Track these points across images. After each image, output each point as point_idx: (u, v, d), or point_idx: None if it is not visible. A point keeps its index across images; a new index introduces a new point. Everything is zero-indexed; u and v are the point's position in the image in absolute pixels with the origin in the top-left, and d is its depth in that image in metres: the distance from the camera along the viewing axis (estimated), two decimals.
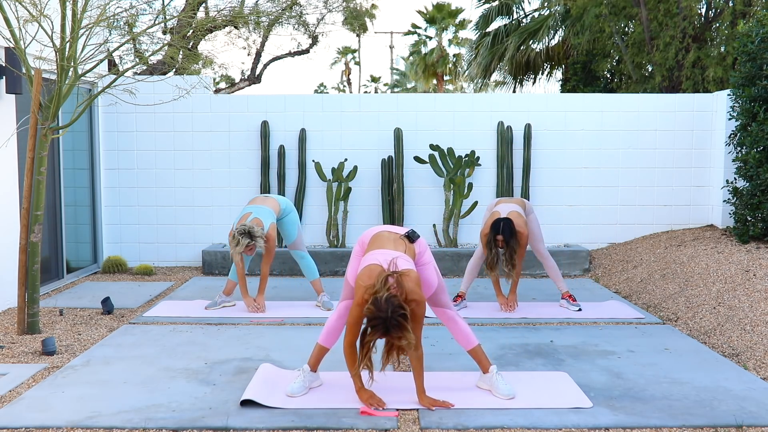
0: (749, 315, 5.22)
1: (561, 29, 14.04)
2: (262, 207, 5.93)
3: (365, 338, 3.48)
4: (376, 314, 3.41)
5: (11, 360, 4.68)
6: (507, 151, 8.30)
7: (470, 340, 4.07)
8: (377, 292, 3.45)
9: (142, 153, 8.33)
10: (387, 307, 3.40)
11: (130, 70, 7.76)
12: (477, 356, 4.07)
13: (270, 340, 5.13)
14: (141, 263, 8.17)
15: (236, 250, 5.61)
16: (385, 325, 3.41)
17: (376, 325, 3.42)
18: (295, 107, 8.38)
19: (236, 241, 5.58)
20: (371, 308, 3.43)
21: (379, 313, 3.40)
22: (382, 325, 3.41)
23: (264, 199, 6.11)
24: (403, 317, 3.42)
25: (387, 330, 3.43)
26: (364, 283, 3.59)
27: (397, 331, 3.42)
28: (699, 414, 3.69)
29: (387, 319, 3.40)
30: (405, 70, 35.86)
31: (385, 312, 3.39)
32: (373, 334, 3.46)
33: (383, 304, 3.40)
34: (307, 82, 76.97)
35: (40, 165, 5.22)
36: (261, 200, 6.09)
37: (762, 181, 6.76)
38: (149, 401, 3.88)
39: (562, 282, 6.15)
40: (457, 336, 4.10)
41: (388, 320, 3.40)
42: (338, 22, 15.69)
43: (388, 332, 3.43)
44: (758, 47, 6.83)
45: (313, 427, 3.53)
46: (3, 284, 6.02)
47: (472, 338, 4.08)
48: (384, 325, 3.41)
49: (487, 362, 4.05)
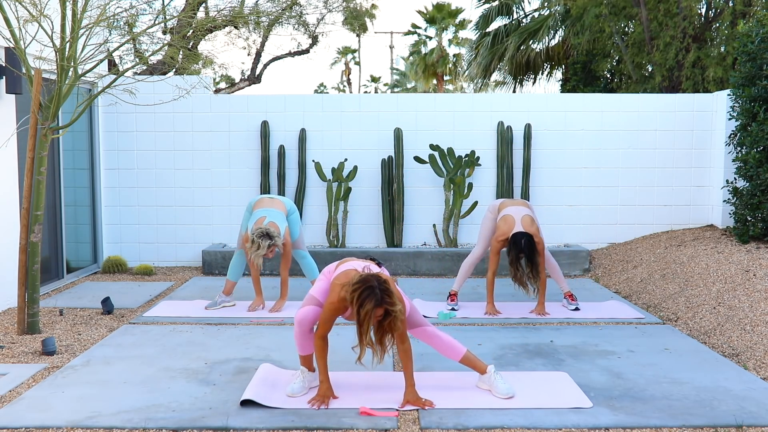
0: (749, 315, 5.22)
1: (561, 29, 14.04)
2: (274, 210, 5.91)
3: (361, 317, 3.54)
4: (364, 286, 3.53)
5: (11, 360, 4.68)
6: (507, 151, 8.30)
7: (457, 350, 4.04)
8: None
9: (142, 153, 8.33)
10: (373, 279, 3.56)
11: (130, 70, 7.76)
12: (470, 363, 4.05)
13: (270, 340, 5.13)
14: (141, 263, 8.17)
15: (258, 253, 5.47)
16: (376, 293, 3.51)
17: (368, 295, 3.51)
18: (295, 107, 8.38)
19: (257, 245, 5.45)
20: (358, 285, 3.54)
21: (367, 284, 3.54)
22: (372, 293, 3.51)
23: (271, 201, 6.07)
24: (388, 286, 3.57)
25: (380, 298, 3.52)
26: (341, 281, 3.74)
27: (388, 297, 3.54)
28: (699, 414, 3.69)
29: (375, 287, 3.52)
30: (405, 70, 35.86)
31: (373, 282, 3.54)
32: (368, 304, 3.51)
33: (369, 277, 3.56)
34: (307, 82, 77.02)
35: (40, 165, 5.22)
36: (268, 202, 6.05)
37: (762, 181, 6.76)
38: (149, 401, 3.88)
39: (564, 281, 6.15)
40: (442, 350, 4.05)
41: (376, 288, 3.52)
42: (338, 22, 15.69)
43: (381, 300, 3.52)
44: (758, 47, 6.83)
45: (313, 427, 3.53)
46: (3, 284, 6.02)
47: (459, 348, 4.04)
48: (375, 293, 3.51)
49: (482, 365, 4.04)
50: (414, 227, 8.42)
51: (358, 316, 3.55)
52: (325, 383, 3.85)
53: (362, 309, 3.52)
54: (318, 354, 3.85)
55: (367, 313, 3.52)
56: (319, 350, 3.84)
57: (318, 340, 3.83)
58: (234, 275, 6.19)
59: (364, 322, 3.55)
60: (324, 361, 3.85)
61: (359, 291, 3.54)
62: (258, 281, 5.99)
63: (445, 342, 4.04)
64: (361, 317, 3.54)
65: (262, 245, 5.45)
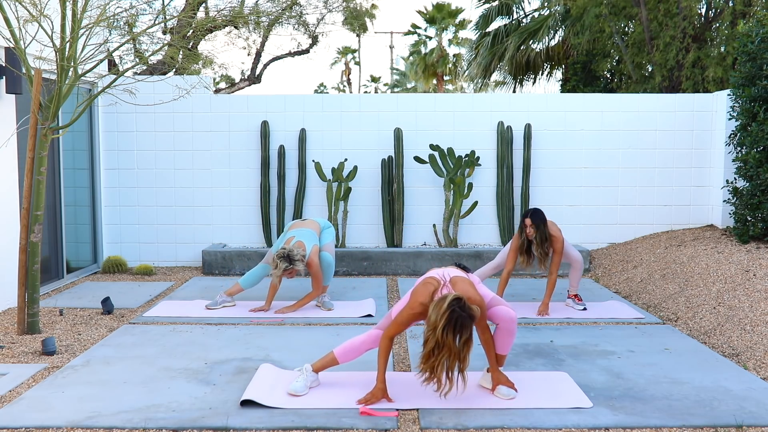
0: (749, 315, 5.22)
1: (561, 29, 14.04)
2: (304, 230, 5.97)
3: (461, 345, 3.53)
4: (454, 317, 3.49)
5: (11, 360, 4.68)
6: (507, 151, 8.30)
7: (507, 347, 4.05)
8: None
9: (142, 153, 8.33)
10: (455, 306, 3.52)
11: (130, 70, 7.76)
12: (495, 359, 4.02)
13: (270, 340, 5.13)
14: (141, 263, 8.17)
15: (275, 273, 5.68)
16: (465, 318, 3.51)
17: (462, 324, 3.50)
18: (295, 107, 8.38)
19: (275, 264, 5.64)
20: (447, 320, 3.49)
21: (454, 315, 3.50)
22: (464, 320, 3.51)
23: (302, 222, 6.19)
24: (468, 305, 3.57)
25: (471, 317, 3.53)
26: (420, 290, 3.82)
27: (472, 311, 3.55)
28: (699, 414, 3.69)
29: (462, 315, 3.51)
30: (405, 70, 35.86)
31: (456, 310, 3.51)
32: (465, 332, 3.52)
33: (452, 306, 3.52)
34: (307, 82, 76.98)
35: (40, 165, 5.22)
36: (299, 224, 6.16)
37: (762, 181, 6.76)
38: (149, 401, 3.88)
39: (578, 284, 6.15)
40: (498, 338, 4.03)
41: (462, 314, 3.51)
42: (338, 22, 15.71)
43: (473, 320, 3.54)
44: (758, 47, 6.83)
45: (313, 427, 3.53)
46: (3, 284, 6.02)
47: (507, 348, 4.05)
48: (465, 319, 3.51)
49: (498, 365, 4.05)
50: (414, 227, 8.42)
51: (459, 347, 3.52)
52: (382, 383, 3.86)
53: (461, 338, 3.51)
54: (381, 353, 3.86)
55: (466, 341, 3.53)
56: (384, 350, 3.86)
57: (385, 340, 3.86)
58: (246, 283, 6.15)
59: (465, 349, 3.55)
60: (385, 361, 3.86)
61: (452, 323, 3.49)
62: (273, 292, 5.95)
63: (505, 334, 3.99)
64: (461, 346, 3.52)
65: (279, 266, 5.59)
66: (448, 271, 3.97)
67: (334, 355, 4.06)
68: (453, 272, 3.95)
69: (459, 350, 3.52)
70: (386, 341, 3.86)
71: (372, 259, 7.86)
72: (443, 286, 3.80)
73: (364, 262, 7.86)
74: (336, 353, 4.06)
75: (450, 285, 3.80)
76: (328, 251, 6.15)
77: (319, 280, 5.91)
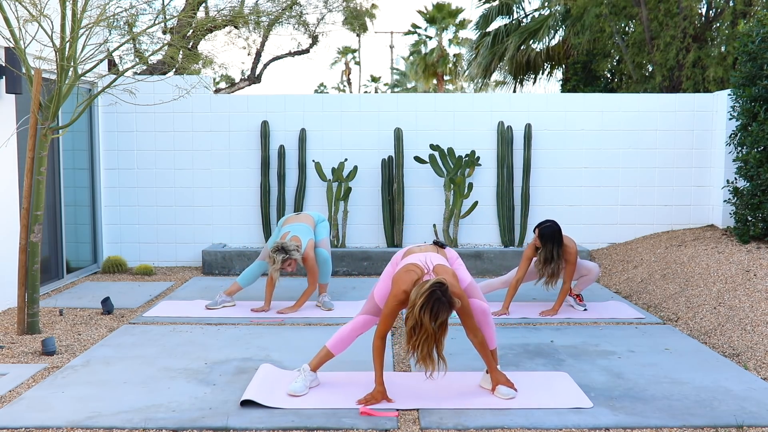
0: (750, 315, 5.22)
1: (561, 29, 14.03)
2: (298, 224, 5.97)
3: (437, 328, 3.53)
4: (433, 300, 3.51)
5: (11, 360, 4.67)
6: (507, 151, 8.30)
7: (490, 341, 4.06)
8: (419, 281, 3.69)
9: (142, 153, 8.32)
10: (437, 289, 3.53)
11: (130, 70, 7.76)
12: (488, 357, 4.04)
13: (270, 340, 5.13)
14: (141, 263, 8.17)
15: (273, 267, 5.64)
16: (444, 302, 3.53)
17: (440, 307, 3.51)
18: (295, 107, 8.37)
19: (272, 260, 5.61)
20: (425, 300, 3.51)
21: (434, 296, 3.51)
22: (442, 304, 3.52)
23: (296, 216, 6.19)
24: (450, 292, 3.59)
25: (450, 303, 3.55)
26: (402, 278, 3.78)
27: (452, 299, 3.57)
28: (699, 414, 3.69)
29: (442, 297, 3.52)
30: (405, 70, 35.88)
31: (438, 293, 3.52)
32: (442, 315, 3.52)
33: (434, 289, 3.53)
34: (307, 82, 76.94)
35: (40, 165, 5.21)
36: (294, 218, 6.16)
37: (762, 181, 6.76)
38: (149, 401, 3.87)
39: (584, 287, 6.14)
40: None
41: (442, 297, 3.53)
42: (338, 22, 15.70)
43: (451, 306, 3.55)
44: (759, 47, 6.82)
45: (313, 427, 3.53)
46: (3, 284, 6.02)
47: (492, 341, 4.07)
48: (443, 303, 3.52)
49: (494, 364, 4.06)
50: (414, 227, 8.41)
51: (434, 329, 3.52)
52: (380, 386, 3.84)
53: (437, 321, 3.51)
54: (376, 354, 3.83)
55: (442, 323, 3.53)
56: (378, 350, 3.82)
57: (378, 340, 3.82)
58: (244, 281, 6.16)
59: (440, 332, 3.55)
60: (381, 362, 3.83)
61: (430, 304, 3.51)
62: (271, 289, 5.94)
63: (485, 327, 4.03)
64: (436, 328, 3.52)
65: (276, 260, 5.57)
66: (430, 257, 3.91)
67: (328, 349, 4.06)
68: (435, 259, 3.90)
69: (434, 332, 3.52)
70: (379, 341, 3.82)
71: (372, 259, 7.85)
72: (427, 274, 3.77)
73: (364, 262, 7.86)
74: (329, 346, 4.06)
75: (433, 274, 3.77)
76: (323, 247, 6.17)
77: (315, 275, 5.91)
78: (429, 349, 3.56)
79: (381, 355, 3.82)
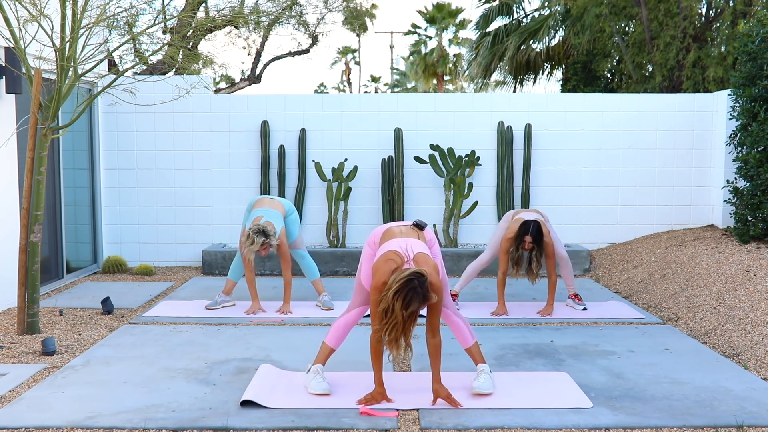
0: (750, 315, 5.22)
1: (561, 29, 14.03)
2: (271, 211, 5.94)
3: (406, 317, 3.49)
4: (407, 288, 3.46)
5: (11, 360, 4.67)
6: (507, 151, 8.30)
7: (467, 338, 4.08)
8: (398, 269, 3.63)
9: (142, 153, 8.32)
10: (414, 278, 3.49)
11: (130, 70, 7.76)
12: (472, 354, 4.10)
13: (270, 340, 5.13)
14: (141, 263, 8.17)
15: (251, 248, 5.56)
16: (418, 292, 3.47)
17: (413, 296, 3.46)
18: (295, 107, 8.37)
19: (251, 240, 5.54)
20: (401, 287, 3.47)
21: (410, 285, 3.47)
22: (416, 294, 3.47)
23: (270, 201, 6.12)
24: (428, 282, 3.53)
25: (422, 298, 3.49)
26: (382, 268, 3.69)
27: (428, 292, 3.51)
28: (699, 414, 3.69)
29: (417, 287, 3.47)
30: (405, 70, 35.87)
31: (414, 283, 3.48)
32: (413, 304, 3.47)
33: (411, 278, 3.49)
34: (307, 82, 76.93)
35: (40, 165, 5.21)
36: (268, 202, 6.09)
37: (762, 181, 6.76)
38: (149, 401, 3.87)
39: (573, 283, 6.14)
40: (456, 333, 4.11)
41: (418, 288, 3.47)
42: (338, 22, 15.69)
43: (424, 299, 3.50)
44: (759, 47, 6.82)
45: (313, 427, 3.53)
46: (3, 284, 6.02)
47: (469, 337, 4.09)
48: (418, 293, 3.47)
49: (481, 359, 4.08)
50: None
51: (403, 317, 3.49)
52: (380, 387, 3.83)
53: (407, 310, 3.47)
54: (374, 356, 3.80)
55: (412, 313, 3.50)
56: (376, 352, 3.79)
57: (374, 343, 3.77)
58: (234, 275, 6.21)
59: (408, 321, 3.52)
60: (380, 363, 3.81)
61: (405, 291, 3.47)
62: (253, 285, 5.93)
63: (461, 327, 4.06)
64: (406, 317, 3.49)
65: (256, 241, 5.52)
66: (411, 244, 3.82)
67: (327, 344, 4.07)
68: (417, 247, 3.81)
69: (403, 320, 3.48)
70: (376, 343, 3.77)
71: None
72: (407, 262, 3.71)
73: None
74: (327, 342, 4.08)
75: (413, 263, 3.70)
76: (298, 247, 6.22)
77: (288, 261, 5.94)
78: (396, 335, 3.52)
79: (380, 356, 3.80)
